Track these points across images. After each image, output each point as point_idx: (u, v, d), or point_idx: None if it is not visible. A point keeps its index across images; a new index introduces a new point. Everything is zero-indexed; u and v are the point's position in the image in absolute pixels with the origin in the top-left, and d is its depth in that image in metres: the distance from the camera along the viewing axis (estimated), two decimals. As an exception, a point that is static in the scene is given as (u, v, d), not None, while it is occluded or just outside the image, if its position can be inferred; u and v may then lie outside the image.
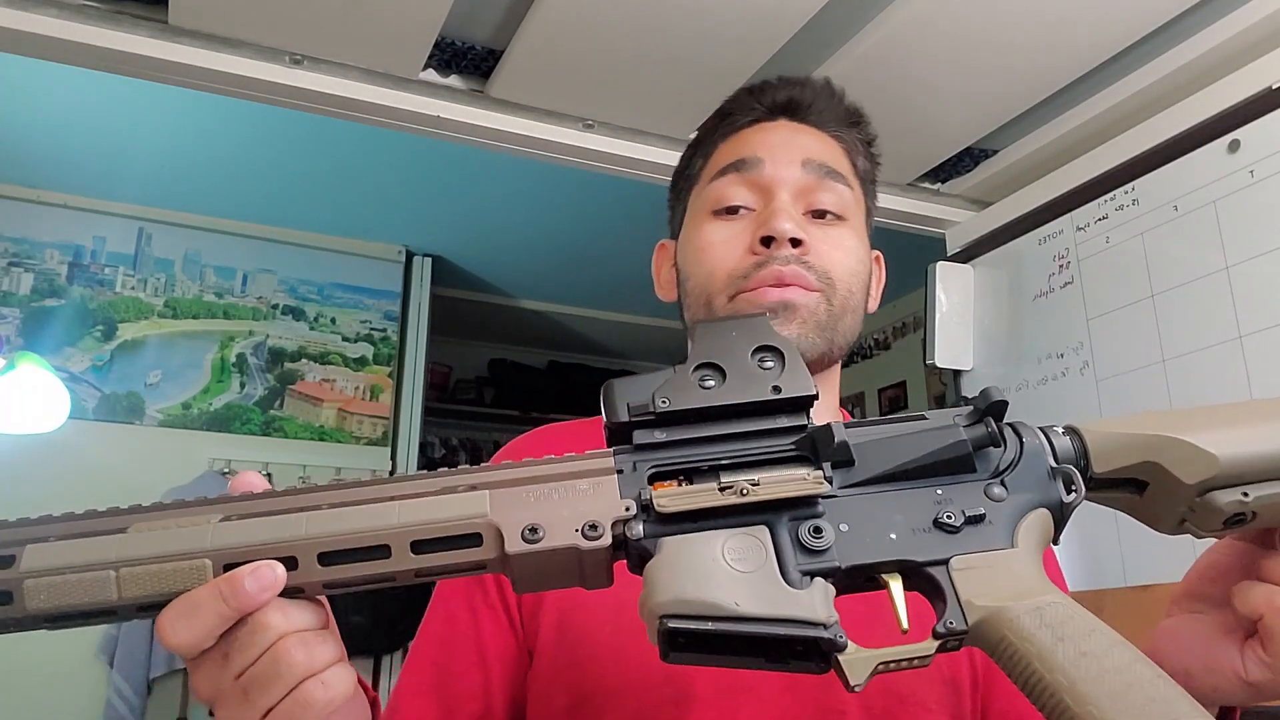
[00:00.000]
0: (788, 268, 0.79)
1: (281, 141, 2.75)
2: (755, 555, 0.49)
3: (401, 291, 3.48)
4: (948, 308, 1.92)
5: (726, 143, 0.88)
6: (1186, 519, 0.54)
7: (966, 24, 1.44)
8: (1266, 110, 1.41)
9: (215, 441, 3.07)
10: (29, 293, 2.98)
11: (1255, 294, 1.40)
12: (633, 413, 0.54)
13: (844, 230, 0.83)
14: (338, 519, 0.50)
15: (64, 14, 1.40)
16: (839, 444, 0.52)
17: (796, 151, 0.83)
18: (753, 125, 0.87)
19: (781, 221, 0.79)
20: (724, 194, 0.83)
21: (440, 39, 1.52)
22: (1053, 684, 0.45)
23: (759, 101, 0.88)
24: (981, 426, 0.53)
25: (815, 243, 0.81)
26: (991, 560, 0.50)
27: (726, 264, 0.81)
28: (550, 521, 0.50)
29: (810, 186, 0.82)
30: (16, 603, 0.49)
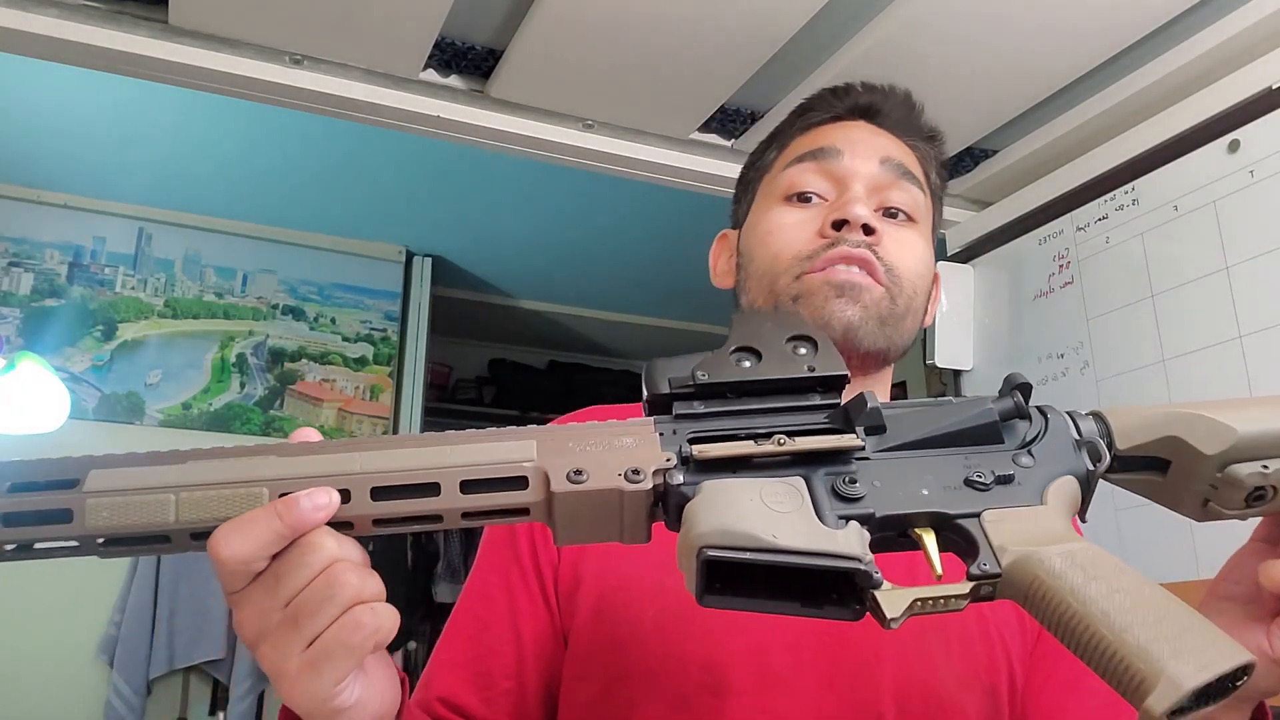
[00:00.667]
0: (857, 250, 0.78)
1: (281, 141, 2.75)
2: (792, 499, 0.51)
3: (401, 291, 3.48)
4: (948, 308, 1.92)
5: (804, 135, 0.87)
6: (1209, 498, 0.55)
7: (966, 24, 1.44)
8: (1266, 110, 1.41)
9: (215, 442, 3.00)
10: (29, 293, 2.98)
11: (1255, 294, 1.40)
12: (674, 385, 0.56)
13: (914, 233, 0.83)
14: (391, 457, 0.52)
15: (64, 14, 1.40)
16: (871, 409, 0.54)
17: (876, 149, 0.83)
18: (832, 122, 0.87)
19: (857, 206, 0.78)
20: (799, 180, 0.83)
21: (440, 39, 1.52)
22: (1087, 616, 0.46)
23: (840, 101, 0.88)
24: (1009, 400, 0.55)
25: (886, 239, 0.80)
26: (1022, 514, 0.51)
27: (795, 246, 0.80)
28: (595, 466, 0.52)
29: (886, 184, 0.82)
30: (76, 521, 0.51)
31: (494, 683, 0.77)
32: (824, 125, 0.87)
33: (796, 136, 0.88)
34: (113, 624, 2.74)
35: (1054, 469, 0.54)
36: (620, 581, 0.76)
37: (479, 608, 0.80)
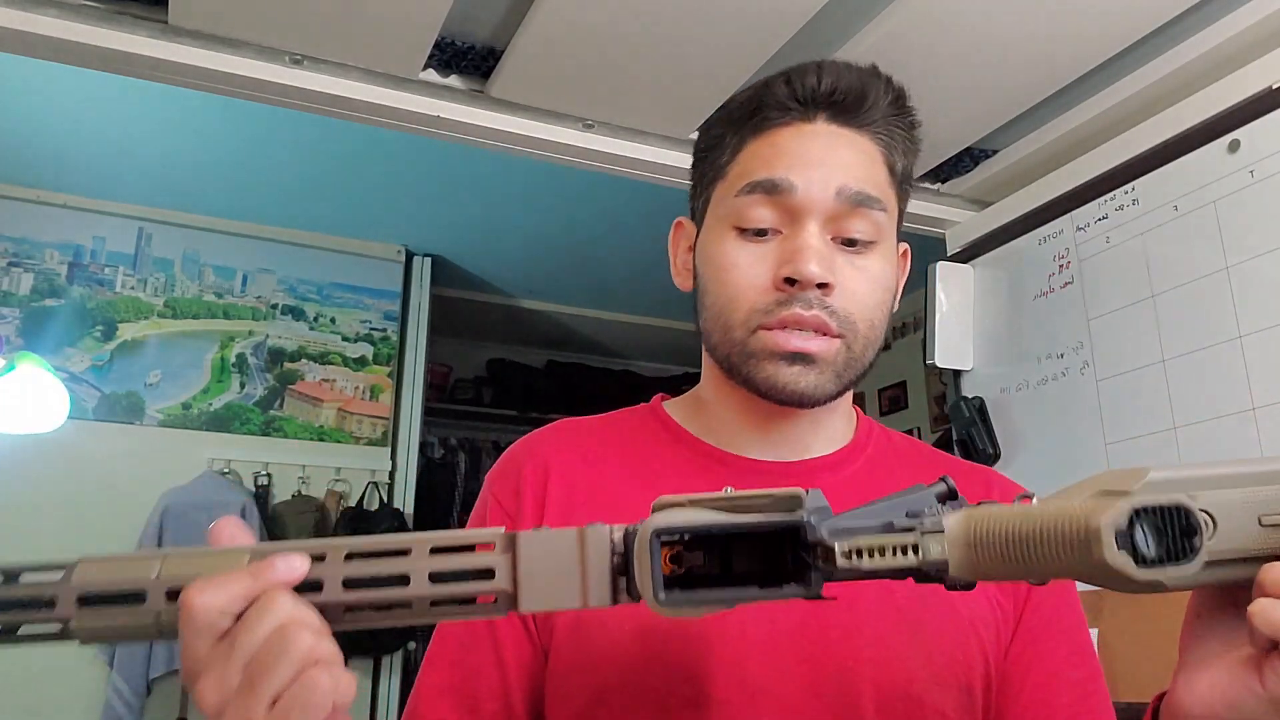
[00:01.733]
0: (809, 312, 0.77)
1: (281, 141, 2.75)
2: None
3: (401, 291, 3.48)
4: (948, 308, 1.92)
5: (757, 142, 0.82)
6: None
7: (966, 24, 1.44)
8: (1266, 110, 1.41)
9: (215, 441, 3.07)
10: (29, 293, 2.98)
11: (1255, 294, 1.40)
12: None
13: (873, 257, 0.80)
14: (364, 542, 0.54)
15: (64, 14, 1.40)
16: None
17: (833, 174, 0.79)
18: (787, 126, 0.81)
19: (809, 263, 0.76)
20: (750, 214, 0.80)
21: (440, 39, 1.52)
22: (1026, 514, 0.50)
23: (797, 95, 0.81)
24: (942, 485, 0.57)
25: (842, 280, 0.78)
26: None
27: (749, 295, 0.79)
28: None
29: (842, 213, 0.79)
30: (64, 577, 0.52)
31: (480, 705, 0.77)
32: (778, 130, 0.81)
33: (749, 140, 0.83)
34: (112, 624, 2.74)
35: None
36: None
37: (460, 631, 0.81)
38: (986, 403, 1.85)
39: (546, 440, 0.87)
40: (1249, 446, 1.37)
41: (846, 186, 0.78)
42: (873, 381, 3.91)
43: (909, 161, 0.86)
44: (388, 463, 3.28)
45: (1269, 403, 1.36)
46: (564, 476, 0.83)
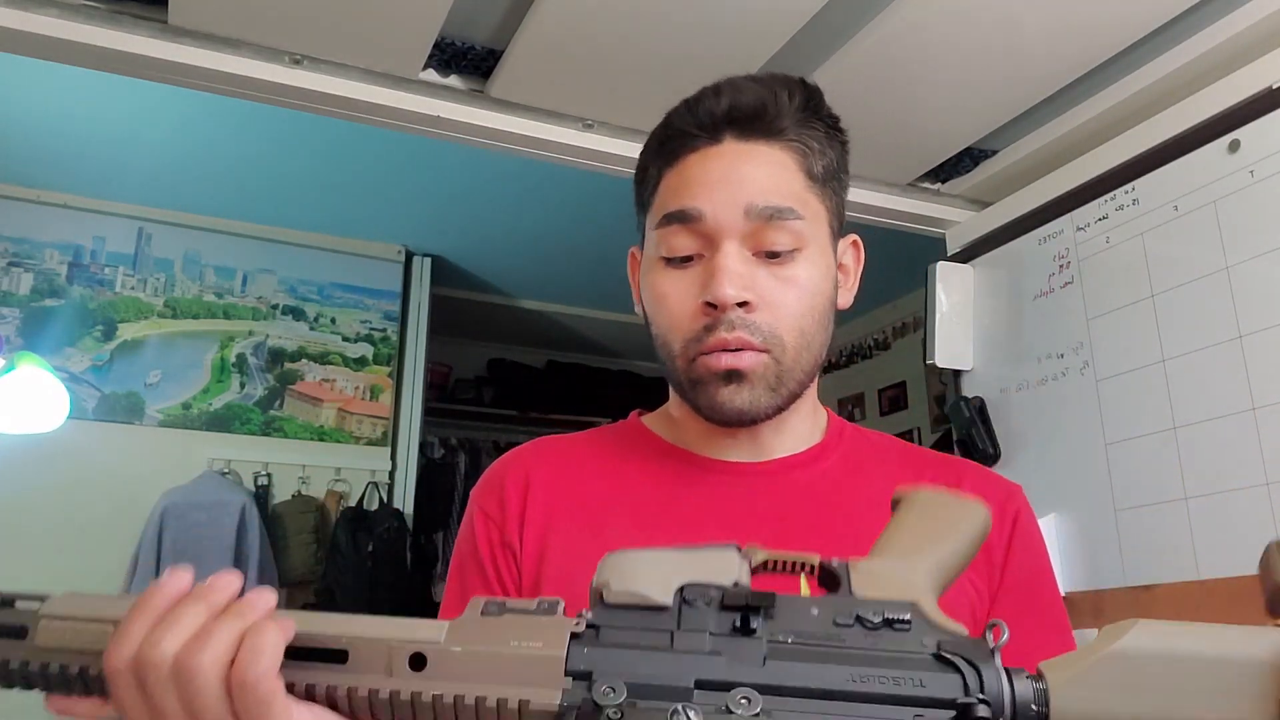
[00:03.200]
0: (732, 334, 0.78)
1: (282, 141, 2.75)
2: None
3: (401, 291, 3.48)
4: (948, 308, 1.92)
5: (671, 174, 0.84)
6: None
7: (966, 24, 1.44)
8: (1266, 110, 1.41)
9: (215, 441, 3.07)
10: (29, 293, 2.98)
11: (1255, 294, 1.40)
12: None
13: (797, 265, 0.80)
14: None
15: (64, 14, 1.40)
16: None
17: (739, 194, 0.79)
18: (694, 153, 0.82)
19: (722, 287, 0.77)
20: (671, 244, 0.81)
21: (440, 39, 1.52)
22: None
23: (699, 121, 0.82)
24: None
25: (764, 292, 0.79)
26: None
27: (682, 323, 0.81)
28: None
29: (756, 230, 0.79)
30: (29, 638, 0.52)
31: None
32: (686, 159, 0.82)
33: (665, 172, 0.84)
34: (112, 624, 2.74)
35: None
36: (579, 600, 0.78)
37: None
38: (986, 403, 1.85)
39: (527, 455, 0.90)
40: (1249, 446, 1.37)
41: (753, 204, 0.79)
42: (873, 381, 3.91)
43: (834, 157, 0.85)
44: (388, 463, 3.29)
45: (1269, 403, 1.36)
46: (544, 491, 0.85)
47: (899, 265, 2.27)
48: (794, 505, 0.84)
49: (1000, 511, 0.85)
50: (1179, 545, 1.45)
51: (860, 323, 3.88)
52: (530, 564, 0.82)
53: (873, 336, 3.90)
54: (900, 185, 1.95)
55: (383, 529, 3.11)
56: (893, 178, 1.92)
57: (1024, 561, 0.84)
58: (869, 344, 3.92)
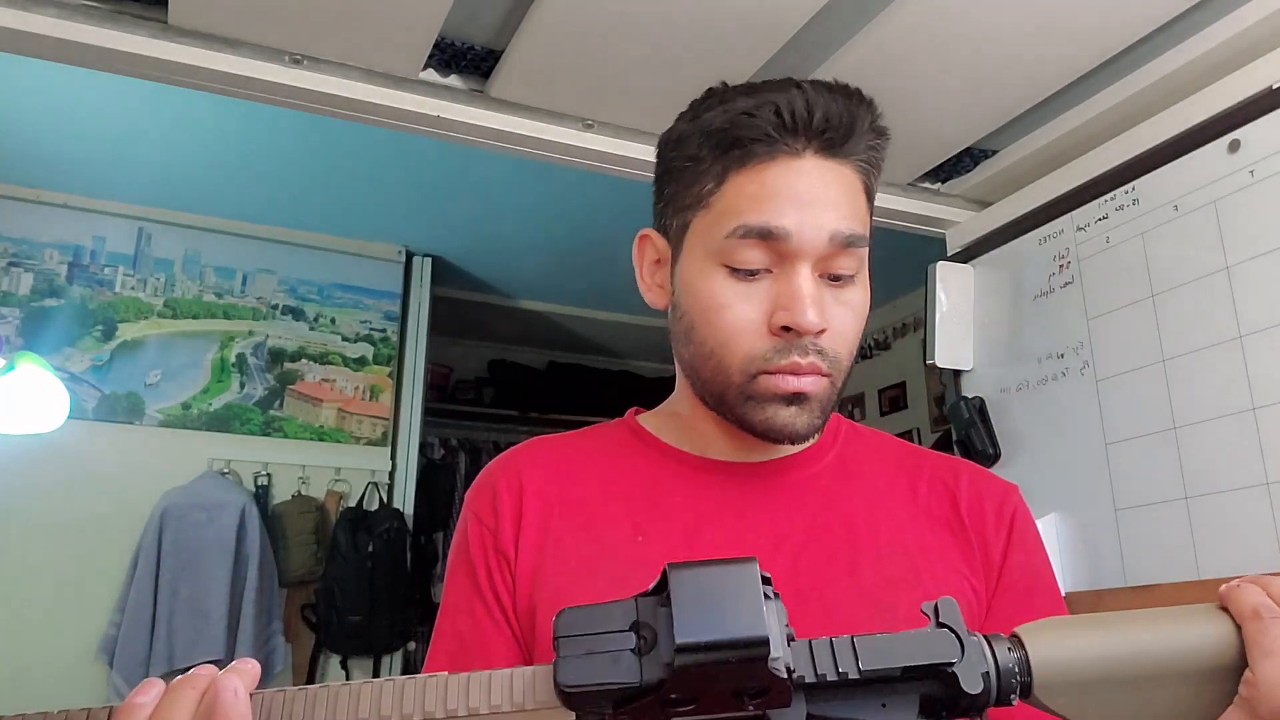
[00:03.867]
0: (807, 360, 0.78)
1: (281, 141, 2.75)
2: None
3: (401, 292, 3.48)
4: (948, 308, 1.92)
5: (743, 177, 0.79)
6: None
7: (966, 24, 1.44)
8: (1266, 110, 1.41)
9: (215, 441, 3.07)
10: (29, 293, 2.98)
11: (1255, 294, 1.40)
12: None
13: (855, 288, 0.81)
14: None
15: (64, 14, 1.40)
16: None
17: (825, 217, 0.77)
18: (775, 161, 0.78)
19: (807, 313, 0.76)
20: (741, 256, 0.78)
21: (440, 39, 1.52)
22: None
23: (786, 126, 0.78)
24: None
25: (831, 319, 0.79)
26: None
27: (745, 340, 0.78)
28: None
29: (833, 254, 0.78)
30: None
31: None
32: (766, 165, 0.78)
33: (734, 171, 0.79)
34: (112, 624, 2.75)
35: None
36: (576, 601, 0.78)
37: (452, 648, 0.82)
38: (986, 403, 1.85)
39: (519, 457, 0.89)
40: (1249, 447, 1.37)
41: (839, 232, 0.77)
42: (873, 381, 3.91)
43: (878, 181, 0.86)
44: (388, 463, 3.29)
45: (1269, 403, 1.36)
46: (539, 494, 0.85)
47: (899, 265, 2.27)
48: (791, 505, 0.84)
49: (997, 511, 0.86)
50: (1179, 545, 1.45)
51: (860, 323, 3.87)
52: (526, 569, 0.82)
53: (873, 336, 3.90)
54: (900, 185, 1.95)
55: (383, 529, 3.11)
56: (893, 178, 1.92)
57: (1021, 561, 0.84)
58: (869, 344, 3.92)
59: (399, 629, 3.09)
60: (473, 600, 0.82)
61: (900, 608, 0.77)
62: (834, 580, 0.79)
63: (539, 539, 0.82)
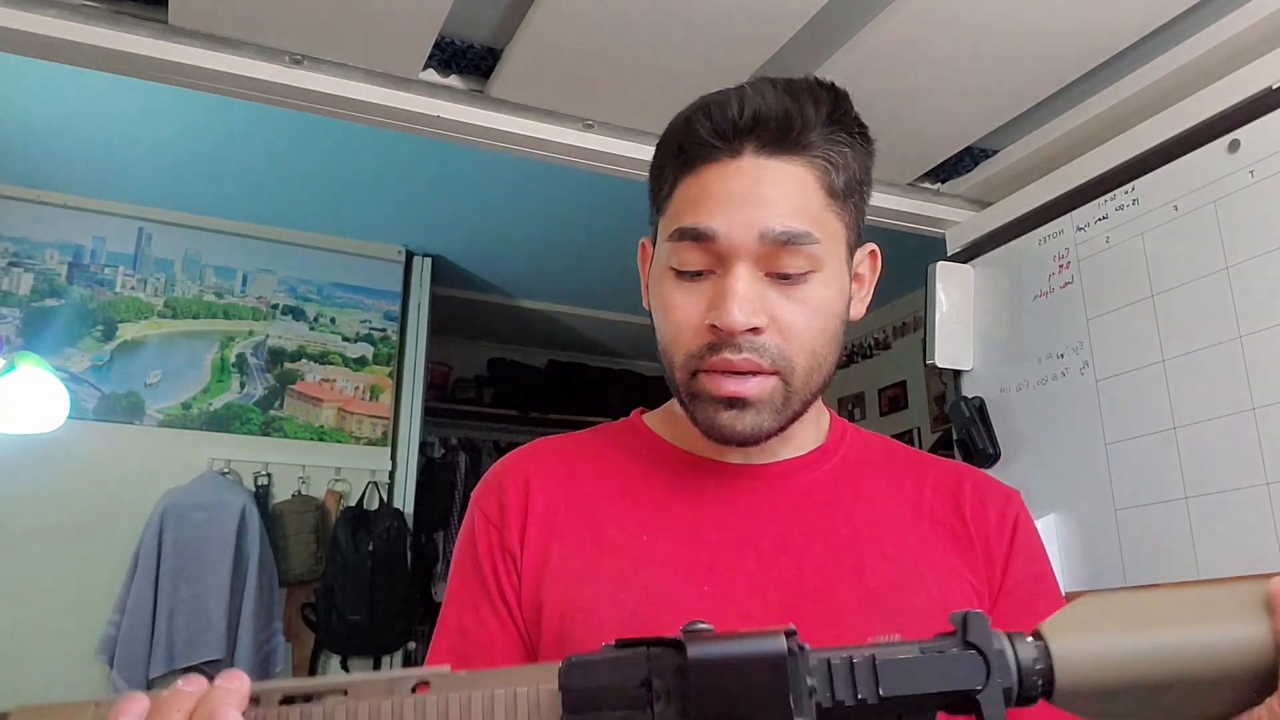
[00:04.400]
0: (739, 356, 0.77)
1: (281, 141, 2.75)
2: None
3: (401, 291, 3.48)
4: (948, 308, 1.92)
5: (686, 182, 0.80)
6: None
7: (966, 24, 1.44)
8: (1266, 110, 1.41)
9: (215, 441, 3.07)
10: (29, 293, 2.98)
11: (1255, 294, 1.40)
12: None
13: (810, 286, 0.78)
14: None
15: (64, 14, 1.40)
16: None
17: (756, 217, 0.76)
18: (713, 164, 0.79)
19: (731, 314, 0.75)
20: (682, 258, 0.79)
21: (440, 39, 1.52)
22: None
23: (719, 131, 0.78)
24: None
25: (776, 316, 0.77)
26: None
27: (685, 337, 0.79)
28: None
29: (770, 254, 0.77)
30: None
31: None
32: (702, 169, 0.79)
33: (681, 178, 0.81)
34: (112, 624, 2.75)
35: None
36: (580, 604, 0.78)
37: (455, 642, 0.83)
38: (986, 403, 1.85)
39: (526, 457, 0.89)
40: (1249, 446, 1.37)
41: (769, 229, 0.76)
42: (873, 381, 3.91)
43: (857, 168, 0.82)
44: (388, 463, 3.29)
45: (1269, 403, 1.36)
46: (545, 493, 0.85)
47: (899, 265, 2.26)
48: (795, 508, 0.84)
49: (1000, 517, 0.86)
50: (1179, 545, 1.45)
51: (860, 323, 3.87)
52: (531, 568, 0.82)
53: (873, 336, 3.90)
54: (900, 185, 1.95)
55: (383, 529, 3.11)
56: (893, 178, 1.92)
57: (1024, 566, 0.84)
58: (869, 344, 3.92)
59: (399, 629, 3.09)
60: (478, 596, 0.83)
61: (904, 611, 0.77)
62: (838, 583, 0.79)
63: (545, 538, 0.83)
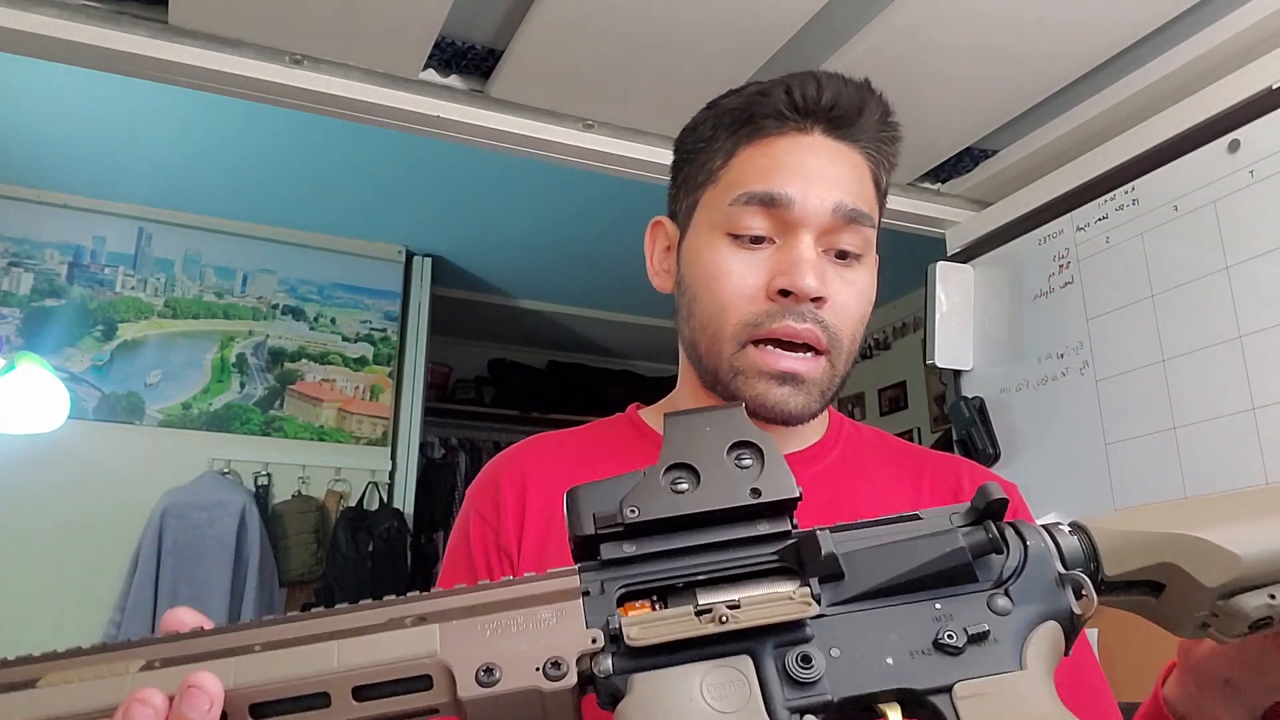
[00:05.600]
0: (803, 326, 0.76)
1: (281, 141, 2.75)
2: (738, 692, 0.45)
3: (401, 291, 3.48)
4: (948, 308, 1.92)
5: (752, 150, 0.81)
6: (1208, 623, 0.51)
7: (966, 24, 1.44)
8: (1266, 110, 1.41)
9: (215, 441, 3.07)
10: (29, 293, 2.98)
11: (1255, 294, 1.40)
12: (599, 524, 0.49)
13: (860, 270, 0.81)
14: (270, 665, 0.45)
15: (64, 14, 1.40)
16: (826, 556, 0.48)
17: (829, 190, 0.78)
18: (783, 136, 0.80)
19: (806, 276, 0.76)
20: (746, 223, 0.79)
21: (440, 39, 1.52)
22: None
23: (796, 106, 0.80)
24: (981, 531, 0.49)
25: (833, 294, 0.78)
26: (999, 685, 0.46)
27: (740, 304, 0.78)
28: (508, 659, 0.45)
29: (836, 228, 0.79)
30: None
31: None
32: (775, 140, 0.81)
33: (743, 146, 0.82)
34: (112, 623, 2.74)
35: (1033, 612, 0.48)
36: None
37: None
38: (986, 403, 1.85)
39: (523, 453, 0.89)
40: (1249, 446, 1.37)
41: (843, 203, 0.78)
42: (873, 381, 3.91)
43: (889, 176, 0.87)
44: (388, 463, 3.29)
45: (1269, 403, 1.36)
46: (542, 488, 0.84)
47: (899, 265, 2.26)
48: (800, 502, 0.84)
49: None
50: (1179, 545, 1.45)
51: (860, 323, 3.88)
52: (528, 566, 0.82)
53: (873, 336, 3.90)
54: (900, 185, 1.95)
55: (383, 529, 3.11)
56: (893, 178, 1.92)
57: None
58: (869, 344, 3.92)
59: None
60: None
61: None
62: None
63: (542, 535, 0.82)
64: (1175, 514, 0.51)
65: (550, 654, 0.45)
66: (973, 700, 0.45)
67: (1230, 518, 0.50)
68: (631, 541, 0.49)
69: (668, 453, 0.51)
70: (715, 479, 0.50)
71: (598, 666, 0.45)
